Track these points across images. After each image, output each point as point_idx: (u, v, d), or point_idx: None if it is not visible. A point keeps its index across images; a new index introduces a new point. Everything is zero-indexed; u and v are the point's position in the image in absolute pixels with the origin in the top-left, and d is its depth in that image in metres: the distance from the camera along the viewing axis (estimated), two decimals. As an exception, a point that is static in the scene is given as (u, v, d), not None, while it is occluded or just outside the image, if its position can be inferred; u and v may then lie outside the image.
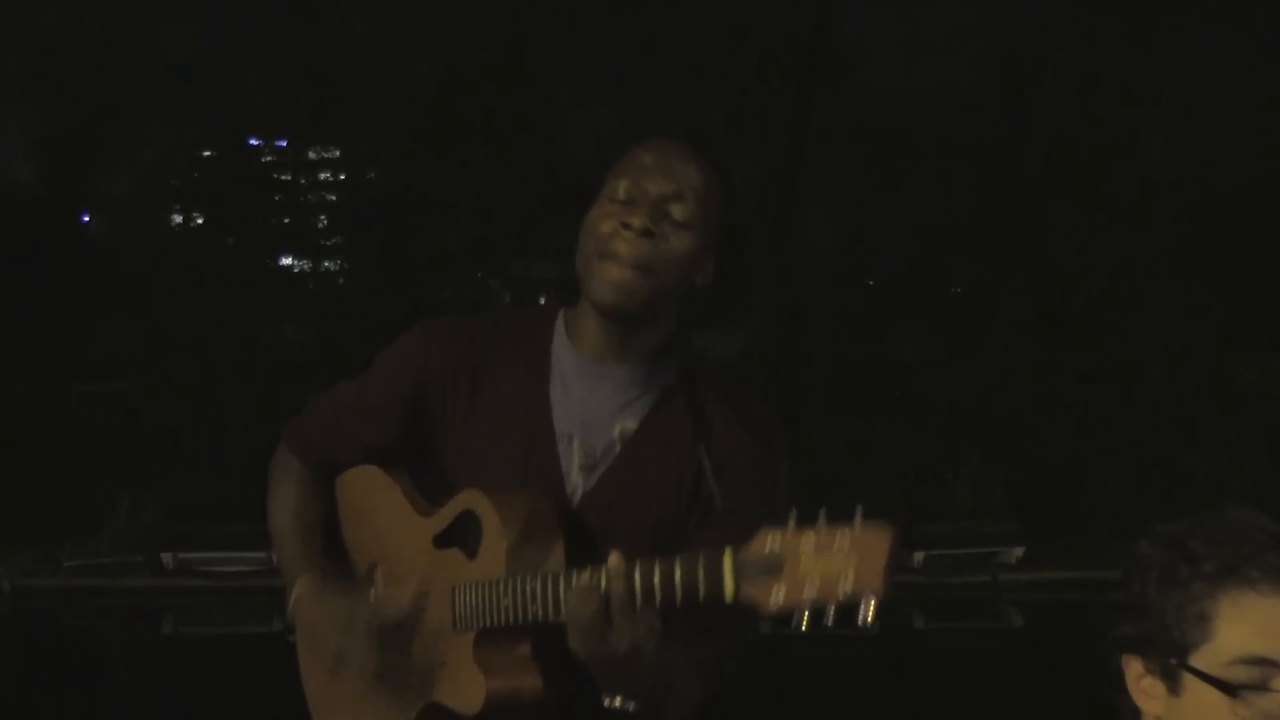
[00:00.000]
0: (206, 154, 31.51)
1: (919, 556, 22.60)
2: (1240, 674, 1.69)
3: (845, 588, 1.89)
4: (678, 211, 2.34)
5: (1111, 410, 24.59)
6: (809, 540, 1.92)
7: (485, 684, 2.31)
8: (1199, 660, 1.72)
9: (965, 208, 27.45)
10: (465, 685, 2.35)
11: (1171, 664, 1.75)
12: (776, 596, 1.92)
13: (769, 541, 1.95)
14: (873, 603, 1.90)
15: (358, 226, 31.09)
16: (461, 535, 2.41)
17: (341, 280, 32.76)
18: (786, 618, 1.94)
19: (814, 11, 26.00)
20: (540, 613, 2.22)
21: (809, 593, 1.91)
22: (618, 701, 2.22)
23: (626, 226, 2.32)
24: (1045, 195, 26.57)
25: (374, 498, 2.61)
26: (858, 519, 1.91)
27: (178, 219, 32.45)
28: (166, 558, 22.49)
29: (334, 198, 33.95)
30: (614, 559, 2.11)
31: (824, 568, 1.91)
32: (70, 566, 22.10)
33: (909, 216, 27.17)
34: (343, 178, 33.83)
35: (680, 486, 2.38)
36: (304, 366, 26.11)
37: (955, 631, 21.23)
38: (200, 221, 32.09)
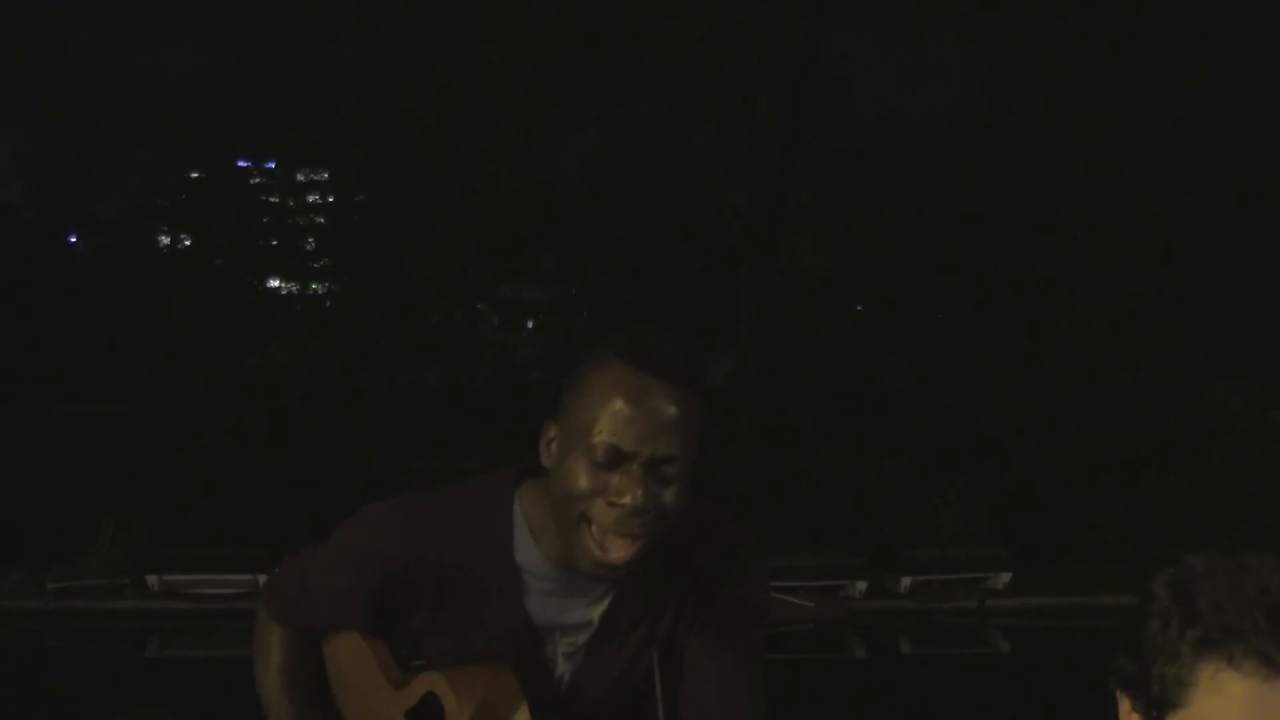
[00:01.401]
0: (195, 176, 31.49)
1: (906, 582, 22.60)
2: None
3: None
4: (670, 472, 2.15)
5: (1098, 436, 24.61)
6: None
7: None
8: None
9: (953, 234, 27.49)
10: None
11: (1153, 715, 1.72)
12: None
13: None
14: None
15: (346, 249, 31.06)
16: (430, 714, 2.39)
17: (329, 303, 32.72)
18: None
19: (804, 40, 26.08)
20: None
21: None
22: None
23: (615, 504, 2.14)
24: (1032, 222, 26.63)
25: (352, 662, 2.57)
26: None
27: (165, 241, 32.42)
28: (152, 580, 22.41)
29: (322, 220, 33.93)
30: None
31: None
32: (55, 588, 22.02)
33: (897, 243, 27.21)
34: (331, 200, 33.81)
35: (655, 636, 2.36)
36: (291, 388, 26.09)
37: (942, 657, 21.22)
38: (188, 243, 32.05)
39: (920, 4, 26.31)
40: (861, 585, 22.50)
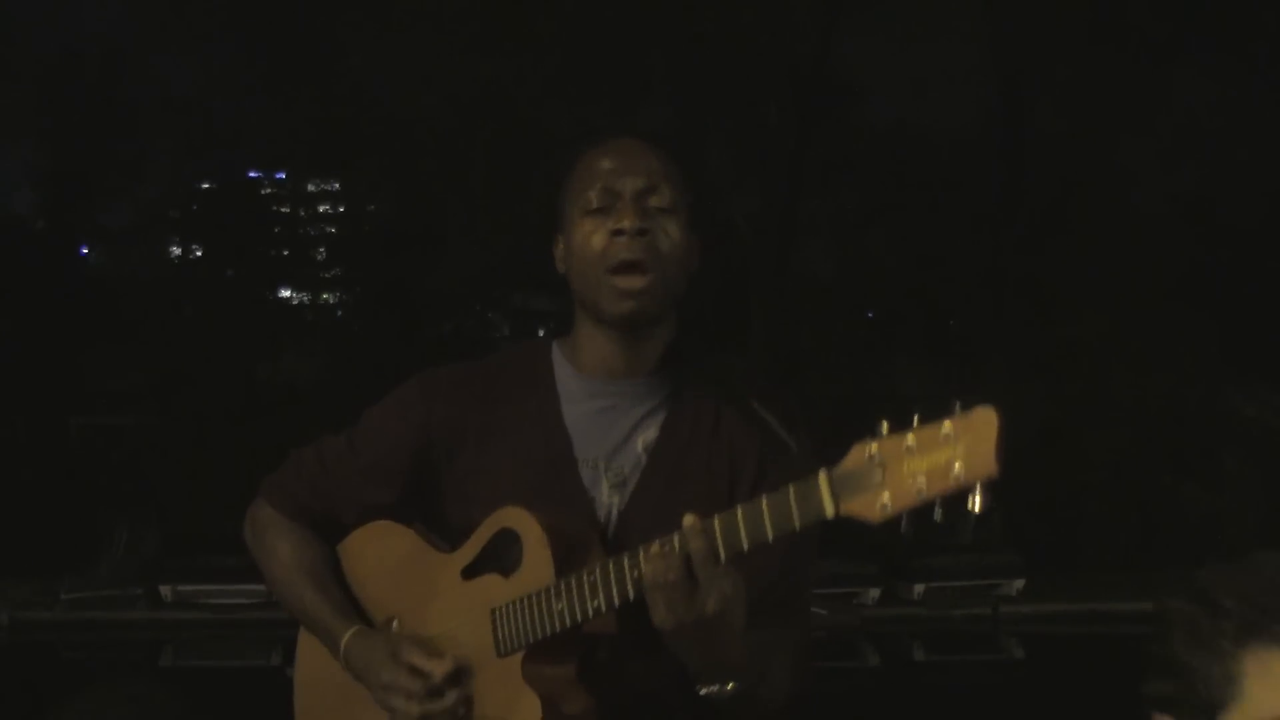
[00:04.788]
0: (206, 186, 31.52)
1: (919, 589, 22.55)
2: None
3: (956, 476, 1.84)
4: (658, 200, 2.34)
5: (1111, 442, 24.56)
6: (909, 440, 1.88)
7: (539, 705, 2.22)
8: None
9: (964, 240, 27.46)
10: (517, 710, 2.25)
11: None
12: (883, 505, 1.89)
13: (866, 451, 1.91)
14: (979, 493, 1.86)
15: (357, 258, 31.08)
16: (494, 561, 2.34)
17: (340, 312, 32.74)
18: (895, 523, 1.90)
19: (814, 46, 26.06)
20: (602, 604, 2.15)
21: (916, 491, 1.87)
22: (714, 688, 2.16)
23: (619, 233, 2.30)
24: (1043, 228, 26.59)
25: (386, 549, 2.50)
26: (957, 407, 1.88)
27: (177, 251, 32.45)
28: (165, 590, 22.42)
29: (333, 230, 33.95)
30: (689, 519, 2.07)
31: (930, 462, 1.86)
32: (68, 599, 22.03)
33: (908, 249, 27.18)
34: (342, 210, 33.84)
35: (714, 480, 2.35)
36: (302, 398, 26.09)
37: (955, 664, 21.18)
38: (199, 253, 32.08)
39: (931, 11, 26.27)
40: (874, 592, 22.46)
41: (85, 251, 31.71)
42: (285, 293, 33.26)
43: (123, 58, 28.56)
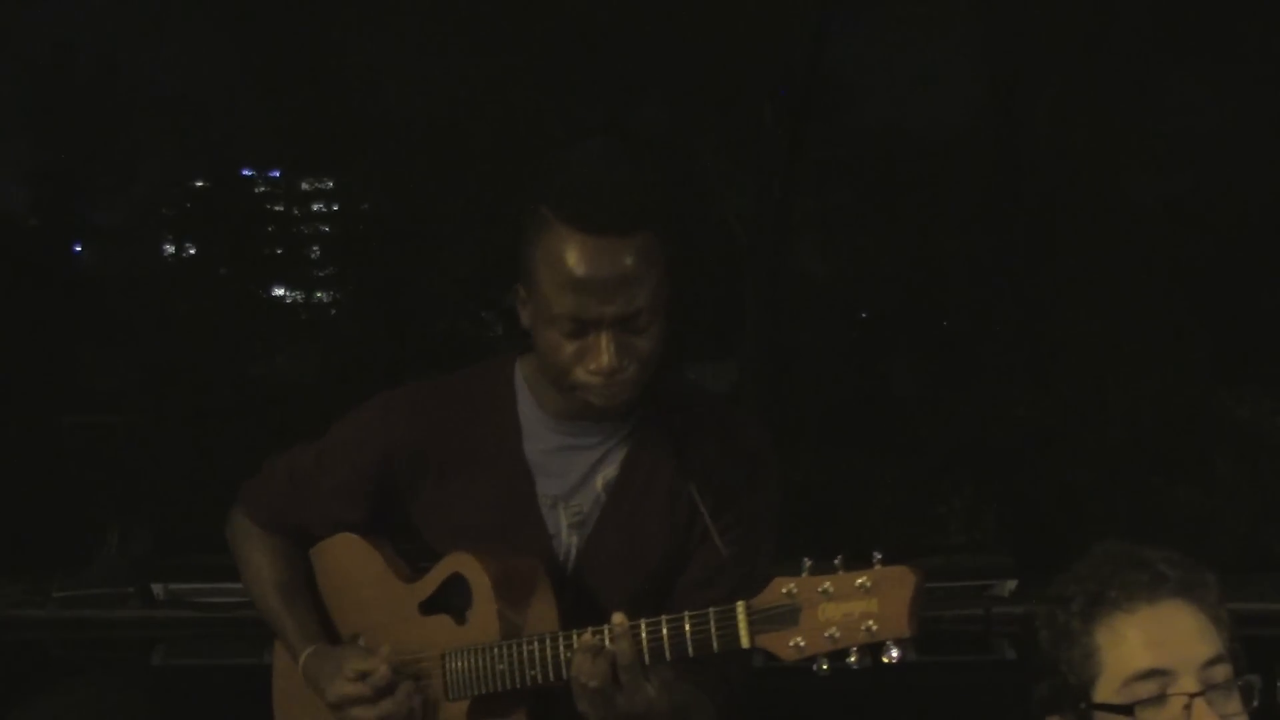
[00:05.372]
0: (199, 184, 31.47)
1: (911, 590, 22.50)
2: (1138, 691, 1.76)
3: (869, 630, 1.85)
4: (639, 323, 2.19)
5: (1104, 444, 24.55)
6: (826, 584, 1.88)
7: None
8: (1099, 694, 1.79)
9: (958, 242, 27.45)
10: None
11: (1081, 709, 1.81)
12: (796, 645, 1.89)
13: (784, 589, 1.90)
14: (893, 648, 1.87)
15: (351, 257, 31.03)
16: (449, 600, 2.34)
17: (334, 311, 32.69)
18: (807, 662, 1.90)
19: (808, 46, 26.04)
20: (539, 676, 2.15)
21: (830, 638, 1.87)
22: None
23: (592, 373, 2.19)
24: (1037, 230, 26.58)
25: (353, 567, 2.52)
26: (877, 561, 1.88)
27: (170, 250, 32.39)
28: (157, 589, 22.27)
29: (327, 229, 33.90)
30: (618, 617, 2.05)
31: (844, 610, 1.87)
32: (60, 597, 21.90)
33: (902, 250, 27.16)
34: (336, 208, 33.78)
35: (674, 519, 2.33)
36: (296, 397, 26.05)
37: (947, 665, 21.09)
38: (192, 252, 32.03)
39: (925, 12, 26.25)
40: (866, 593, 22.39)
41: (78, 249, 31.66)
42: (279, 291, 33.21)
43: (116, 56, 28.54)
